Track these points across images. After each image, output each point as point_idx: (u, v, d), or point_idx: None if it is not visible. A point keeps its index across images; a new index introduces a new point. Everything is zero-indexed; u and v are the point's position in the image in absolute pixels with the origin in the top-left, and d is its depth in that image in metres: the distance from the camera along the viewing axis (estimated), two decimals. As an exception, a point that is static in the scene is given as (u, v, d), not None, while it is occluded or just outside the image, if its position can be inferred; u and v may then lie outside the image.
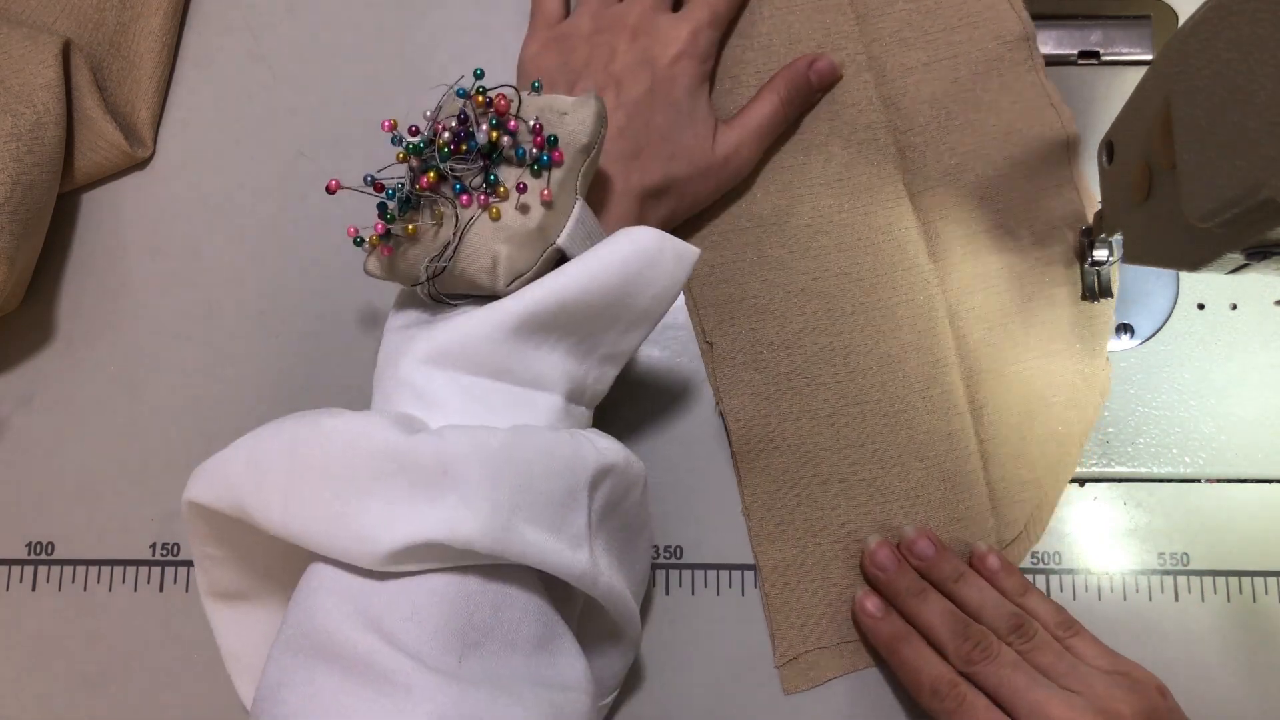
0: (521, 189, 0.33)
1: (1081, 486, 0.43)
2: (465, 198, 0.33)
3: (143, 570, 0.43)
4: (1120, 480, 0.43)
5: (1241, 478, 0.43)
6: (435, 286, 0.34)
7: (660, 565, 0.43)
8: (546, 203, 0.33)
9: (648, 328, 0.35)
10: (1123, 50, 0.46)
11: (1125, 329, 0.44)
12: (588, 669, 0.33)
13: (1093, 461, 0.43)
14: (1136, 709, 0.35)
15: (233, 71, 0.46)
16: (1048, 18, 0.46)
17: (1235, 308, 0.44)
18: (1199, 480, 0.43)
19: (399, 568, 0.29)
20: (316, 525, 0.29)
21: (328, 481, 0.29)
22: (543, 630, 0.31)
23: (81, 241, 0.45)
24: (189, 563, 0.42)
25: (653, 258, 0.33)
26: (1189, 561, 0.42)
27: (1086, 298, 0.44)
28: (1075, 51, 0.46)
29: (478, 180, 0.33)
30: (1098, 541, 0.43)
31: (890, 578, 0.40)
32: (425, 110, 0.35)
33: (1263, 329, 0.44)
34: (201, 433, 0.43)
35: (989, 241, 0.43)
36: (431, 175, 0.33)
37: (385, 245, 0.34)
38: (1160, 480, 0.43)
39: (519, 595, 0.31)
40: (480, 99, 0.34)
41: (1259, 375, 0.44)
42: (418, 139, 0.34)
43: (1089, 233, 0.43)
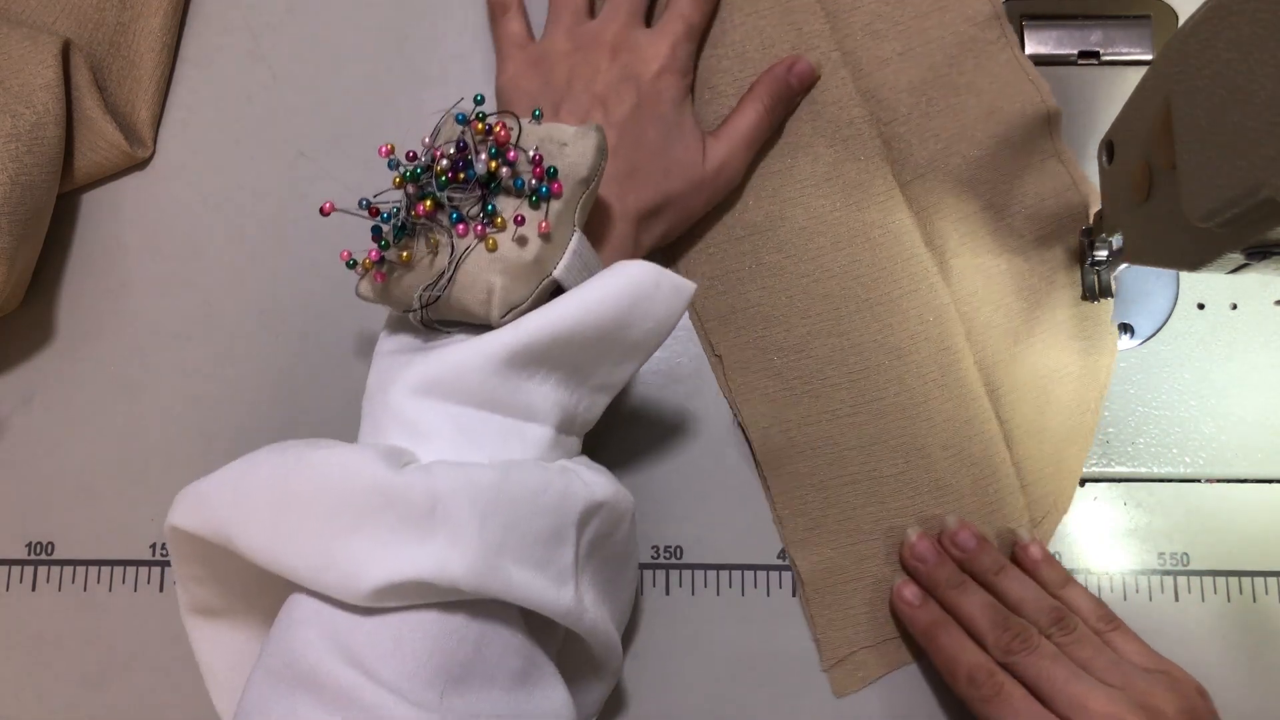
0: (519, 221, 0.32)
1: (1082, 486, 0.43)
2: (462, 227, 0.33)
3: (143, 570, 0.43)
4: (1120, 480, 0.43)
5: (1241, 478, 0.43)
6: (428, 314, 0.33)
7: (660, 565, 0.43)
8: (544, 235, 0.33)
9: (641, 359, 0.35)
10: (1123, 50, 0.46)
11: (1125, 329, 0.44)
12: (569, 699, 0.32)
13: (1093, 461, 0.43)
14: (1178, 708, 0.35)
15: (233, 71, 0.46)
16: (1048, 18, 0.46)
17: (1235, 308, 0.44)
18: (1199, 480, 0.43)
19: (383, 603, 0.29)
20: (301, 559, 0.29)
21: (314, 516, 0.29)
22: (524, 664, 0.31)
23: (81, 241, 0.45)
24: (189, 563, 0.43)
25: (648, 292, 0.33)
26: (1189, 561, 0.42)
27: (1086, 298, 0.44)
28: (1075, 51, 0.46)
29: (475, 209, 0.33)
30: (1098, 541, 0.43)
31: (929, 569, 0.40)
32: (423, 136, 0.35)
33: (1263, 329, 0.44)
34: (201, 433, 0.43)
35: (983, 221, 0.43)
36: (428, 203, 0.33)
37: (379, 271, 0.34)
38: (1160, 480, 0.43)
39: (501, 631, 0.31)
40: (480, 126, 0.33)
41: (1259, 375, 0.44)
42: (415, 165, 0.34)
43: (1089, 233, 0.43)
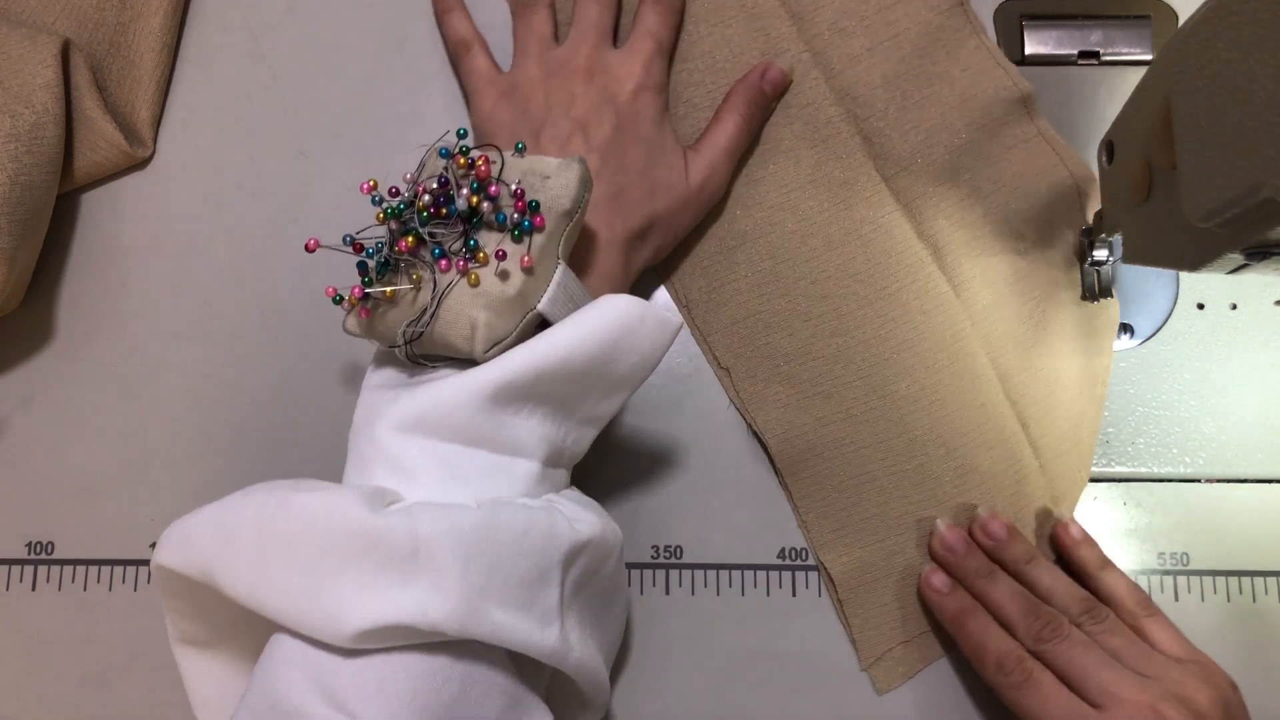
0: (501, 256, 0.32)
1: (1081, 486, 0.43)
2: (444, 262, 0.32)
3: (143, 570, 0.43)
4: (1120, 480, 0.43)
5: (1241, 478, 0.43)
6: (413, 349, 0.33)
7: (660, 565, 0.43)
8: (527, 269, 0.33)
9: (628, 392, 0.35)
10: (1123, 50, 0.46)
11: (1125, 329, 0.44)
12: None
13: (1093, 462, 0.43)
14: (1212, 699, 0.35)
15: (233, 71, 0.46)
16: (1048, 18, 0.46)
17: (1235, 308, 0.44)
18: (1199, 480, 0.43)
19: (366, 645, 0.29)
20: (284, 601, 0.29)
21: (297, 559, 0.29)
22: (509, 703, 0.31)
23: (81, 241, 0.45)
24: (189, 563, 0.43)
25: (633, 327, 0.33)
26: (1189, 561, 0.42)
27: (1086, 298, 0.44)
28: (1075, 51, 0.46)
29: (457, 245, 0.33)
30: (1098, 541, 0.43)
31: (958, 559, 0.40)
32: (405, 172, 0.35)
33: (1263, 329, 0.44)
34: (201, 433, 0.43)
35: (970, 207, 0.44)
36: (410, 239, 0.33)
37: (363, 307, 0.34)
38: (1160, 480, 0.43)
39: (486, 671, 0.31)
40: (462, 161, 0.33)
41: (1259, 375, 0.44)
42: (397, 201, 0.34)
43: (1089, 233, 0.43)
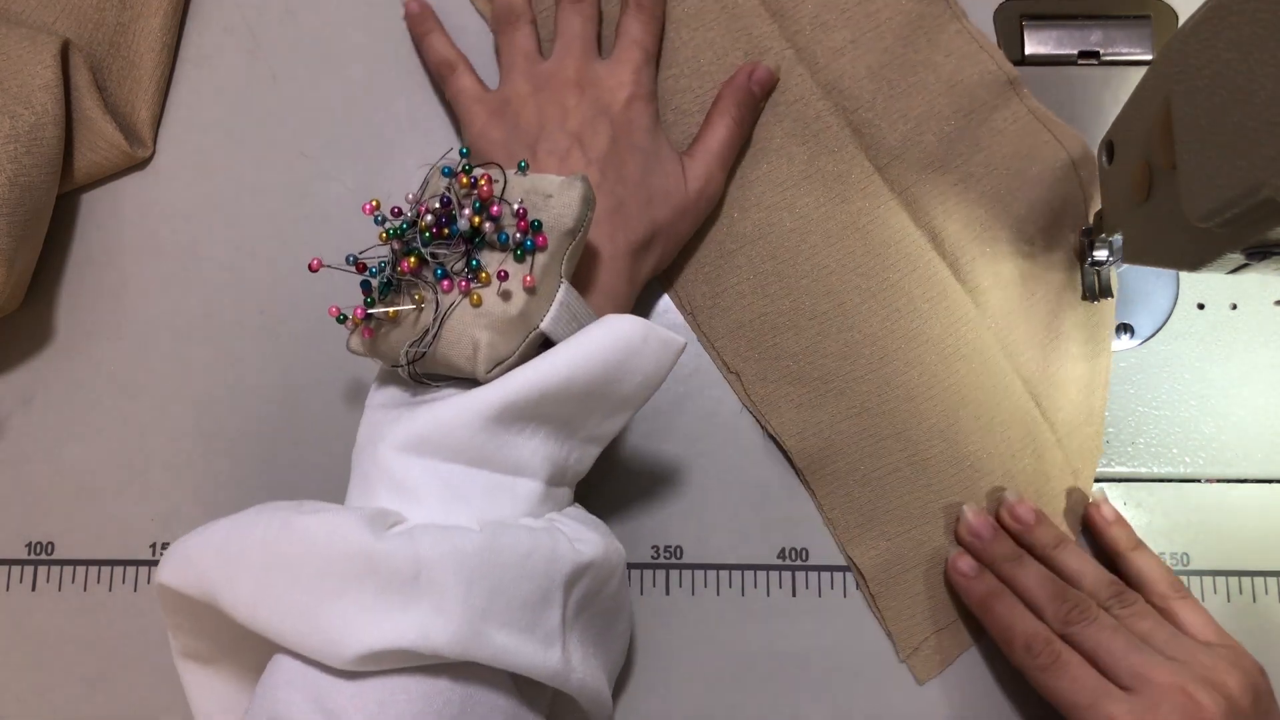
0: (503, 277, 0.32)
1: (1081, 486, 0.43)
2: (446, 283, 0.32)
3: (143, 570, 0.43)
4: (1120, 480, 0.43)
5: (1241, 478, 0.43)
6: (415, 369, 0.33)
7: (660, 565, 0.43)
8: (529, 289, 0.33)
9: (632, 412, 0.35)
10: (1123, 50, 0.46)
11: (1125, 329, 0.44)
12: None
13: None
14: (1241, 684, 0.35)
15: (233, 71, 0.46)
16: (1048, 18, 0.46)
17: (1235, 308, 0.44)
18: (1199, 480, 0.43)
19: (367, 668, 0.29)
20: (285, 623, 0.29)
21: (298, 582, 0.29)
22: None
23: (81, 241, 0.45)
24: (189, 563, 0.42)
25: (636, 348, 0.33)
26: (1189, 561, 0.42)
27: (1087, 297, 0.44)
28: (1075, 51, 0.46)
29: (459, 265, 0.33)
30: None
31: (985, 544, 0.40)
32: (408, 193, 0.35)
33: (1263, 329, 0.44)
34: (201, 433, 0.43)
35: (964, 192, 0.44)
36: (412, 260, 0.33)
37: (366, 327, 0.34)
38: (1160, 480, 0.43)
39: (487, 693, 0.31)
40: (465, 180, 0.33)
41: (1259, 375, 0.44)
42: (400, 220, 0.34)
43: (1089, 233, 0.43)
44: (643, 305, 0.44)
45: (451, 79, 0.43)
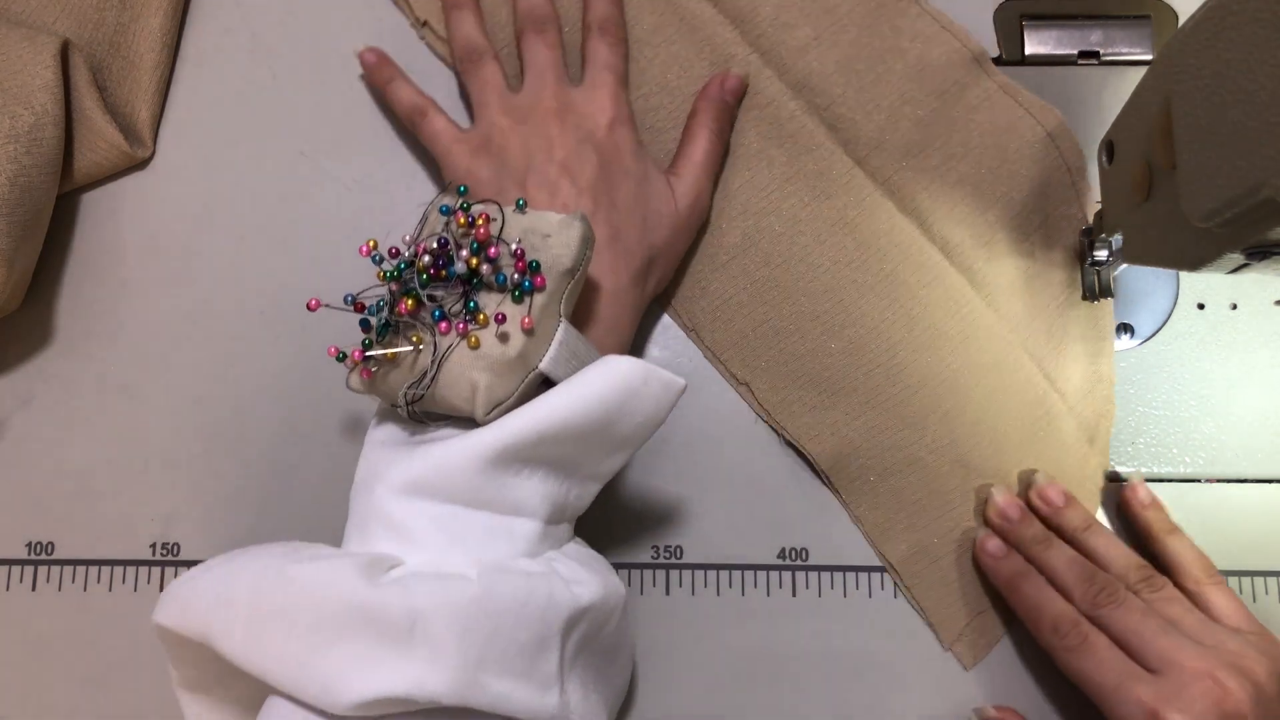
0: (500, 320, 0.32)
1: (1082, 486, 0.43)
2: (444, 325, 0.32)
3: (143, 570, 0.43)
4: (1120, 480, 0.43)
5: (1241, 478, 0.43)
6: (415, 410, 0.33)
7: (660, 565, 0.43)
8: (528, 330, 0.32)
9: (632, 451, 0.35)
10: (1123, 50, 0.46)
11: (1125, 329, 0.44)
12: None
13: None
14: (1270, 671, 0.35)
15: (233, 71, 0.46)
16: (1048, 18, 0.46)
17: (1235, 308, 0.44)
18: (1199, 480, 0.43)
19: (363, 714, 0.29)
20: (281, 670, 0.29)
21: (294, 631, 0.29)
22: None
23: (81, 241, 0.45)
24: (189, 563, 0.42)
25: (635, 389, 0.33)
26: (1189, 561, 0.42)
27: (1086, 297, 0.44)
28: (1075, 51, 0.46)
29: (457, 306, 0.33)
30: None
31: (1014, 526, 0.40)
32: (404, 234, 0.35)
33: (1263, 329, 0.44)
34: (201, 433, 0.43)
35: (946, 174, 0.44)
36: (410, 301, 0.33)
37: (365, 368, 0.34)
38: (1160, 480, 0.43)
39: None
40: (462, 220, 0.33)
41: (1259, 375, 0.44)
42: (397, 261, 0.34)
43: (1089, 233, 0.43)
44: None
45: (424, 123, 0.42)
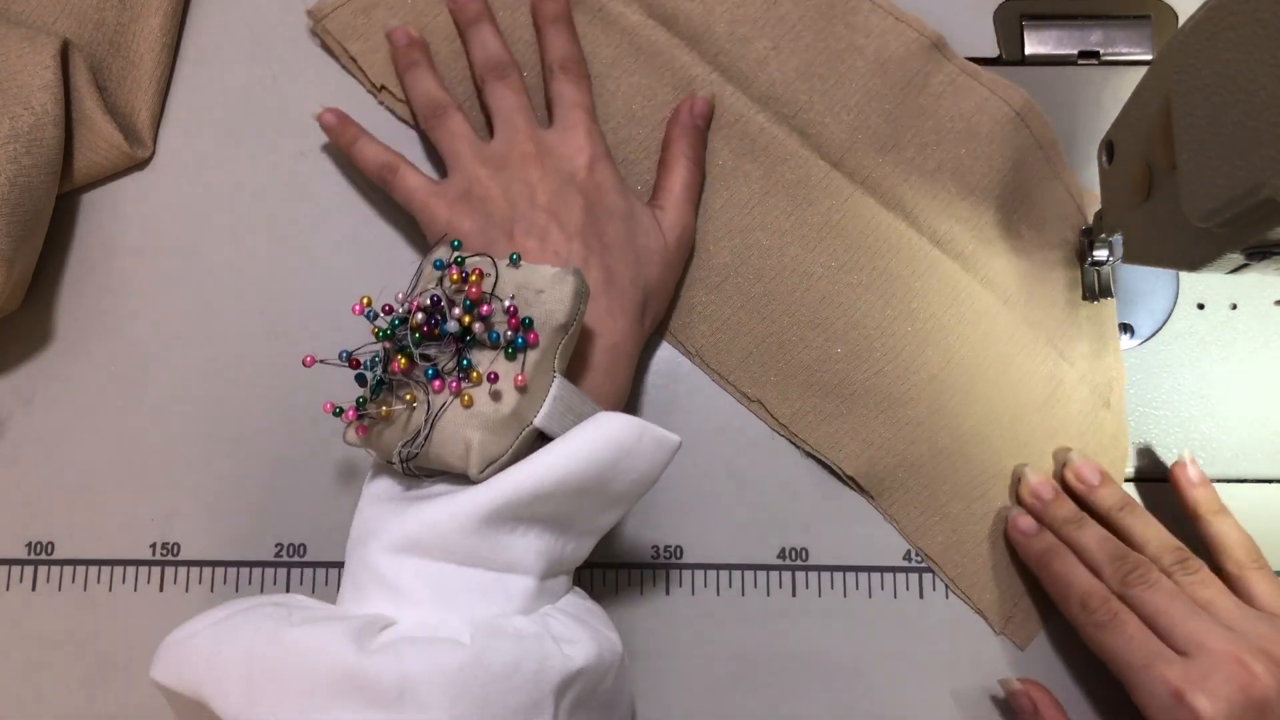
0: (493, 379, 0.32)
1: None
2: (438, 383, 0.32)
3: (143, 570, 0.43)
4: (1121, 480, 0.43)
5: (1241, 478, 0.43)
6: (409, 467, 0.33)
7: (660, 565, 0.43)
8: (521, 388, 0.32)
9: (628, 506, 0.35)
10: (1123, 50, 0.46)
11: (1125, 329, 0.44)
12: None
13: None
14: None
15: (233, 71, 0.46)
16: (1048, 18, 0.46)
17: (1235, 308, 0.44)
18: (1199, 480, 0.43)
19: None
20: None
21: (286, 696, 0.29)
22: None
23: (81, 242, 0.45)
24: (189, 563, 0.42)
25: (629, 447, 0.33)
26: (1189, 561, 0.42)
27: (1087, 297, 0.44)
28: (1075, 51, 0.46)
29: (450, 364, 0.33)
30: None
31: (1046, 506, 0.40)
32: (397, 292, 0.34)
33: (1263, 329, 0.44)
34: (201, 433, 0.43)
35: (924, 162, 0.44)
36: (403, 360, 0.33)
37: (360, 425, 0.34)
38: (1161, 480, 0.43)
39: None
40: (455, 275, 0.33)
41: (1259, 375, 0.44)
42: (391, 318, 0.34)
43: (1089, 233, 0.43)
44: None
45: (396, 180, 0.41)
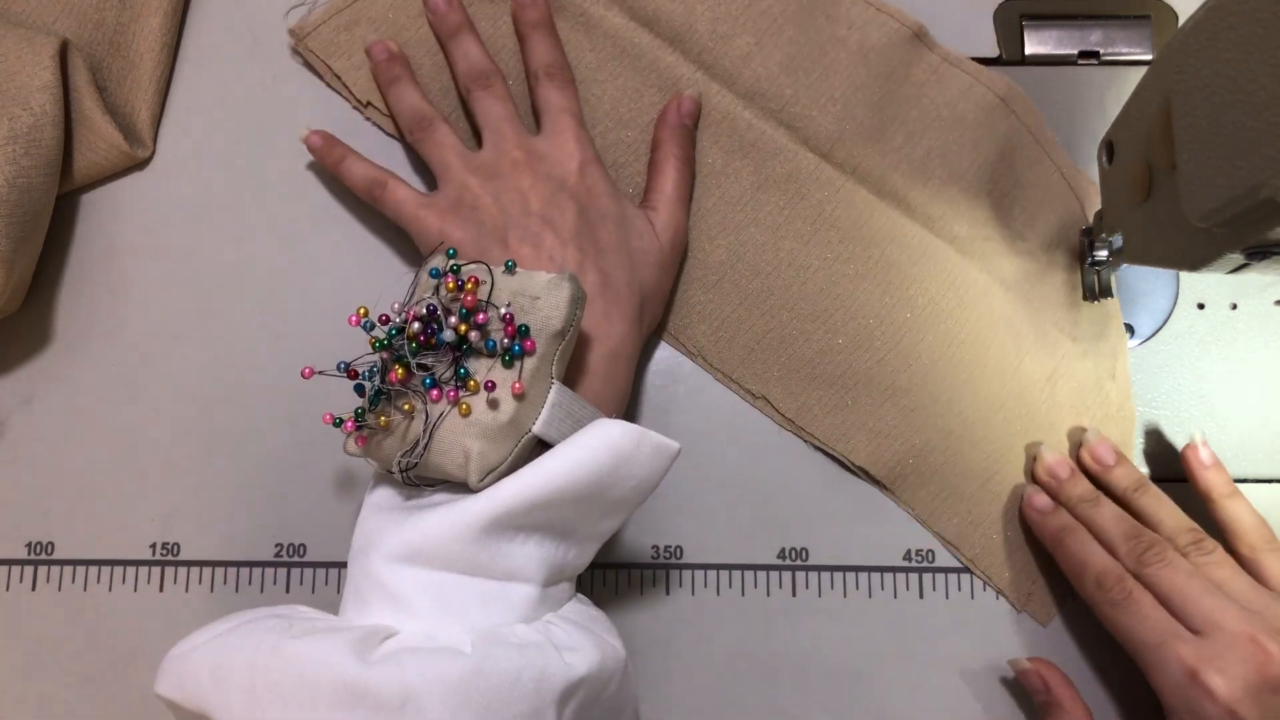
0: (490, 387, 0.32)
1: (1082, 486, 0.43)
2: (435, 392, 0.32)
3: (143, 570, 0.43)
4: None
5: (1241, 478, 0.43)
6: (409, 477, 0.33)
7: (660, 565, 0.43)
8: (518, 395, 0.32)
9: (628, 513, 0.35)
10: (1123, 50, 0.46)
11: (1125, 329, 0.44)
12: None
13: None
14: None
15: (233, 71, 0.46)
16: (1048, 18, 0.46)
17: (1235, 308, 0.44)
18: (1199, 480, 0.43)
19: None
20: None
21: (288, 709, 0.29)
22: None
23: (81, 242, 0.45)
24: (189, 563, 0.43)
25: (628, 454, 0.33)
26: (1189, 561, 0.42)
27: (1087, 298, 0.44)
28: (1075, 51, 0.46)
29: (448, 374, 0.33)
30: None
31: (1061, 484, 0.41)
32: (393, 301, 0.34)
33: (1263, 329, 0.44)
34: (201, 433, 0.43)
35: (912, 150, 0.44)
36: (400, 371, 0.33)
37: (359, 436, 0.34)
38: (1161, 480, 0.43)
39: None
40: (451, 284, 0.33)
41: (1259, 375, 0.44)
42: (388, 329, 0.34)
43: (1089, 233, 0.43)
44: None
45: (385, 195, 0.41)
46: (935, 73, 0.44)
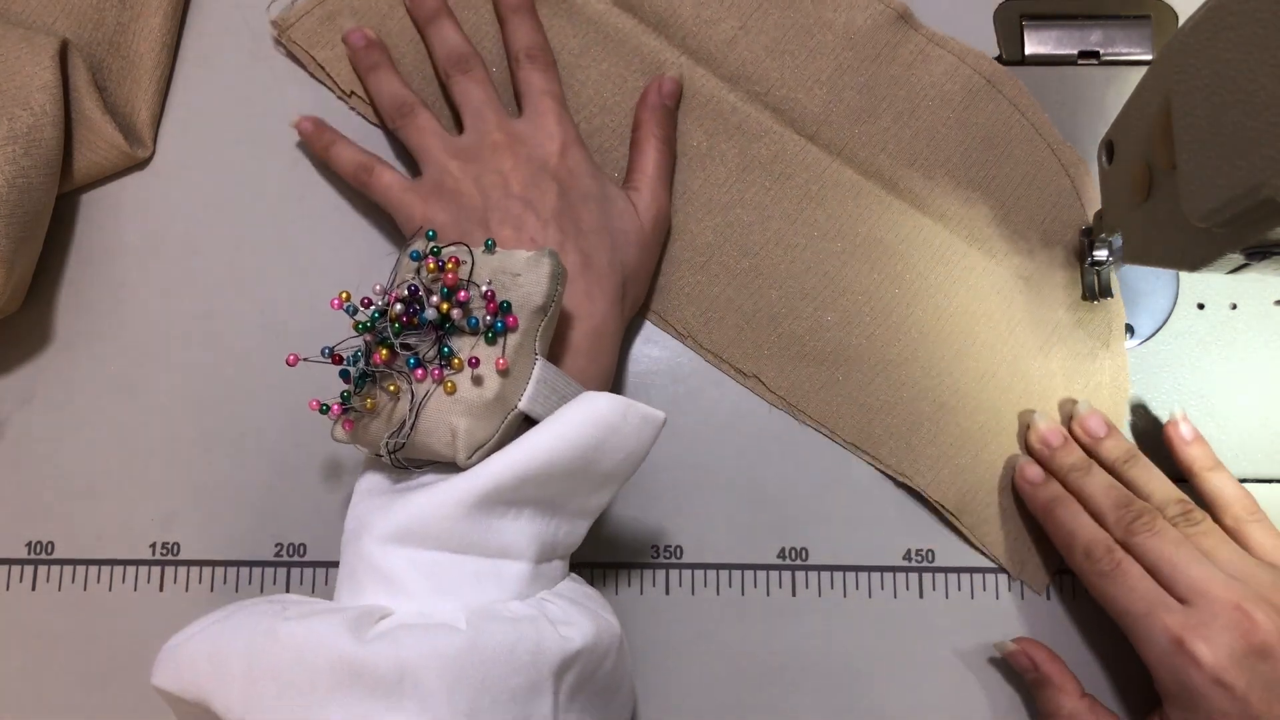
0: (474, 363, 0.32)
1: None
2: (420, 372, 0.32)
3: (143, 570, 0.43)
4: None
5: (1241, 478, 0.43)
6: (397, 458, 0.33)
7: (660, 565, 0.43)
8: (502, 371, 0.32)
9: (618, 486, 0.35)
10: (1123, 50, 0.46)
11: (1125, 329, 0.44)
12: None
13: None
14: None
15: (233, 71, 0.46)
16: (1048, 18, 0.46)
17: (1235, 308, 0.44)
18: (1199, 480, 0.43)
19: None
20: None
21: (286, 691, 0.29)
22: None
23: (81, 242, 0.45)
24: (189, 563, 0.43)
25: (615, 426, 0.33)
26: (1189, 561, 0.42)
27: (1087, 297, 0.44)
28: (1075, 51, 0.46)
29: (431, 353, 0.33)
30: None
31: (1054, 453, 0.41)
32: (375, 283, 0.35)
33: (1263, 329, 0.44)
34: (201, 433, 0.43)
35: (900, 131, 0.44)
36: (384, 352, 0.33)
37: (346, 420, 0.34)
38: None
39: None
40: (432, 265, 0.33)
41: (1259, 375, 0.44)
42: (370, 311, 0.34)
43: (1089, 233, 0.43)
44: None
45: (373, 179, 0.42)
46: (922, 53, 0.45)
